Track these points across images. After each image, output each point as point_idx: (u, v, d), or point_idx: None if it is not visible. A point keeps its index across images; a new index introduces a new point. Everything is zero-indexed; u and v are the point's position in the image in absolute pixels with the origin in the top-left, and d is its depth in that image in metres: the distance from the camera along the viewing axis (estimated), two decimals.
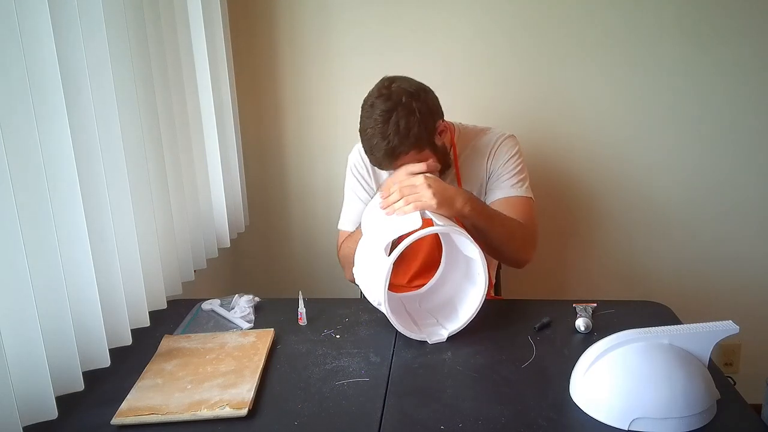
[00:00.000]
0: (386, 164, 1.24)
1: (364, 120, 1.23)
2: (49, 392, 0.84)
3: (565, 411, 0.85)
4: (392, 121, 1.19)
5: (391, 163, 1.23)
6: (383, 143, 1.19)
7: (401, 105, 1.21)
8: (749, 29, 1.65)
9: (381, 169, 1.29)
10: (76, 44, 0.92)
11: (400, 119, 1.19)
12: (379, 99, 1.22)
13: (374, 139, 1.21)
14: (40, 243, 0.84)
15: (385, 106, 1.20)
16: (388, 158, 1.21)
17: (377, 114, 1.21)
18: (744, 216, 1.80)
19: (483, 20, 1.69)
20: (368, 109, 1.23)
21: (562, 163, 1.80)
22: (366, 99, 1.25)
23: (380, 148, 1.20)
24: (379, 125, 1.20)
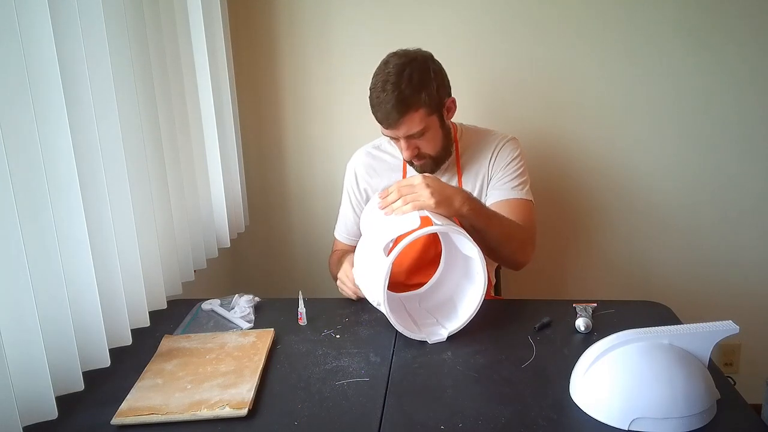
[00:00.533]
0: (393, 117, 1.20)
1: (375, 76, 1.23)
2: (49, 392, 0.84)
3: (565, 411, 0.85)
4: (406, 72, 1.20)
5: (399, 116, 1.20)
6: (394, 93, 1.18)
7: (417, 61, 1.22)
8: (754, 28, 1.65)
9: (386, 127, 1.24)
10: (76, 44, 0.92)
11: (414, 72, 1.20)
12: (394, 56, 1.23)
13: (386, 87, 1.19)
14: (40, 243, 0.84)
15: (400, 60, 1.21)
16: (396, 109, 1.18)
17: (391, 67, 1.21)
18: (744, 216, 1.80)
19: (484, 19, 1.69)
20: (382, 66, 1.23)
21: (563, 164, 1.80)
22: (379, 65, 1.25)
23: (390, 97, 1.18)
24: (392, 76, 1.19)
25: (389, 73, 1.20)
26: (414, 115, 1.21)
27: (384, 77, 1.21)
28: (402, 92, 1.18)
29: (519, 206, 1.32)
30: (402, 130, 1.22)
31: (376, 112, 1.23)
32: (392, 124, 1.21)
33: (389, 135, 1.26)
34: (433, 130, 1.26)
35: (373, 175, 1.43)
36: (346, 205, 1.48)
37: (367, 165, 1.44)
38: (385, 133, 1.27)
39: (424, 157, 1.30)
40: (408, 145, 1.26)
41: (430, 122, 1.24)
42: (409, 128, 1.22)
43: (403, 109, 1.19)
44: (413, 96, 1.20)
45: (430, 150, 1.29)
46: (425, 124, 1.23)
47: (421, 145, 1.27)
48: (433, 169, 1.32)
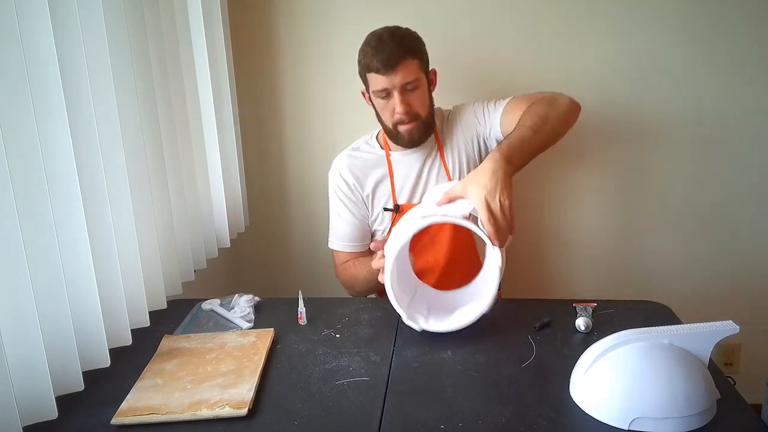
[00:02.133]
0: (395, 59, 1.25)
1: (368, 37, 1.31)
2: (49, 392, 0.84)
3: (565, 411, 0.85)
4: (402, 30, 1.31)
5: (400, 58, 1.25)
6: (394, 40, 1.26)
7: (407, 29, 1.33)
8: (752, 25, 1.65)
9: (384, 72, 1.26)
10: (75, 44, 0.92)
11: (408, 31, 1.32)
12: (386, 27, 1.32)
13: (383, 37, 1.27)
14: (40, 243, 0.84)
15: (391, 27, 1.32)
16: (398, 51, 1.24)
17: (384, 29, 1.31)
18: (744, 216, 1.80)
19: (484, 20, 1.69)
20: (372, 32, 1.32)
21: (562, 164, 1.80)
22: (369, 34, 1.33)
23: (391, 43, 1.25)
24: (388, 31, 1.29)
25: (385, 29, 1.30)
26: (412, 62, 1.27)
27: (380, 32, 1.29)
28: (403, 39, 1.28)
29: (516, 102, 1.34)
30: (399, 76, 1.25)
31: (373, 59, 1.26)
32: (392, 66, 1.25)
33: (383, 87, 1.27)
34: (423, 89, 1.32)
35: (360, 176, 1.43)
36: (341, 212, 1.46)
37: (350, 165, 1.44)
38: (379, 86, 1.28)
39: (414, 118, 1.31)
40: (402, 98, 1.28)
41: (421, 78, 1.30)
42: (406, 75, 1.26)
43: (404, 53, 1.25)
44: (412, 45, 1.29)
45: (421, 108, 1.32)
46: (418, 75, 1.29)
47: (413, 101, 1.30)
48: (421, 135, 1.35)
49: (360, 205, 1.45)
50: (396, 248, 1.03)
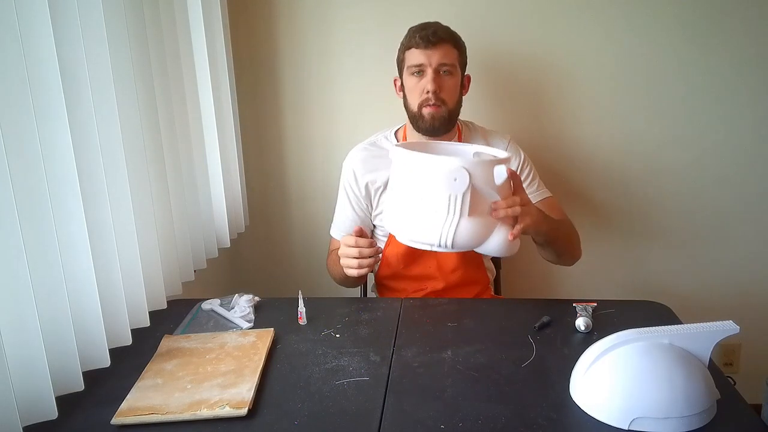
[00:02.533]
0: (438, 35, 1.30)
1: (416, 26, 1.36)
2: (49, 392, 0.84)
3: (565, 411, 0.85)
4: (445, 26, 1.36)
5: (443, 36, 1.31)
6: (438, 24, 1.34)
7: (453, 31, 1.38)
8: (752, 27, 1.65)
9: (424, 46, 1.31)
10: (76, 44, 0.92)
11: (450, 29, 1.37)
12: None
13: (429, 24, 1.33)
14: (40, 243, 0.84)
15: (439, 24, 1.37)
16: (442, 31, 1.32)
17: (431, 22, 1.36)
18: (744, 215, 1.80)
19: (484, 20, 1.69)
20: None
21: (562, 164, 1.80)
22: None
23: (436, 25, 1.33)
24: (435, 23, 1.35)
25: (429, 21, 1.35)
26: (451, 48, 1.32)
27: (425, 22, 1.35)
28: (447, 28, 1.34)
29: (551, 204, 1.37)
30: (438, 54, 1.30)
31: (416, 35, 1.31)
32: (433, 43, 1.29)
33: (420, 62, 1.31)
34: (456, 80, 1.35)
35: (372, 169, 1.42)
36: (344, 204, 1.47)
37: (364, 160, 1.44)
38: (416, 60, 1.31)
39: (441, 102, 1.32)
40: (435, 77, 1.30)
41: (457, 69, 1.34)
42: (445, 55, 1.30)
43: (446, 36, 1.31)
44: (456, 36, 1.35)
45: (449, 96, 1.33)
46: (456, 63, 1.33)
47: (445, 87, 1.32)
48: (443, 123, 1.35)
49: (362, 201, 1.44)
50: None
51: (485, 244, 1.02)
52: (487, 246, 1.02)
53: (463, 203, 0.98)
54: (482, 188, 0.98)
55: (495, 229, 1.02)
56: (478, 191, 0.99)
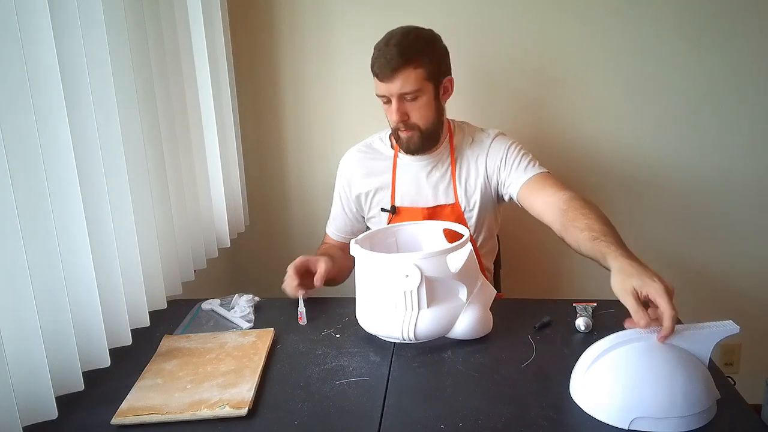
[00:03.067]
0: (392, 66, 1.21)
1: (384, 36, 1.26)
2: (49, 392, 0.84)
3: (565, 411, 0.85)
4: (412, 34, 1.25)
5: (397, 66, 1.21)
6: (396, 46, 1.21)
7: (424, 30, 1.28)
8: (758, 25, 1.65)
9: (381, 79, 1.24)
10: (76, 44, 0.92)
11: (419, 36, 1.26)
12: (404, 27, 1.28)
13: (389, 42, 1.23)
14: (40, 243, 0.84)
15: (408, 27, 1.27)
16: (396, 60, 1.21)
17: (397, 29, 1.26)
18: (744, 215, 1.80)
19: (485, 21, 1.69)
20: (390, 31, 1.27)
21: (562, 164, 1.80)
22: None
23: (392, 50, 1.21)
24: (398, 34, 1.24)
25: (395, 32, 1.25)
26: (411, 72, 1.22)
27: (389, 35, 1.25)
28: (405, 47, 1.22)
29: (544, 180, 1.30)
30: (396, 85, 1.22)
31: (374, 64, 1.24)
32: (388, 75, 1.22)
33: (382, 93, 1.26)
34: (427, 98, 1.27)
35: (366, 174, 1.43)
36: (337, 205, 1.50)
37: (359, 162, 1.45)
38: (379, 91, 1.27)
39: (412, 128, 1.29)
40: (399, 107, 1.25)
41: (425, 87, 1.25)
42: (404, 84, 1.22)
43: (403, 62, 1.21)
44: (415, 53, 1.22)
45: (420, 119, 1.28)
46: (420, 86, 1.24)
47: (412, 111, 1.27)
48: (419, 146, 1.32)
49: (353, 205, 1.47)
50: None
51: (453, 330, 1.03)
52: (455, 331, 1.03)
53: (419, 297, 0.98)
54: (439, 278, 0.99)
55: (461, 314, 1.02)
56: (436, 282, 1.00)
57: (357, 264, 1.07)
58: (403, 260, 0.98)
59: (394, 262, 0.99)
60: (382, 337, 1.06)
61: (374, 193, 1.43)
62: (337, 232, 1.51)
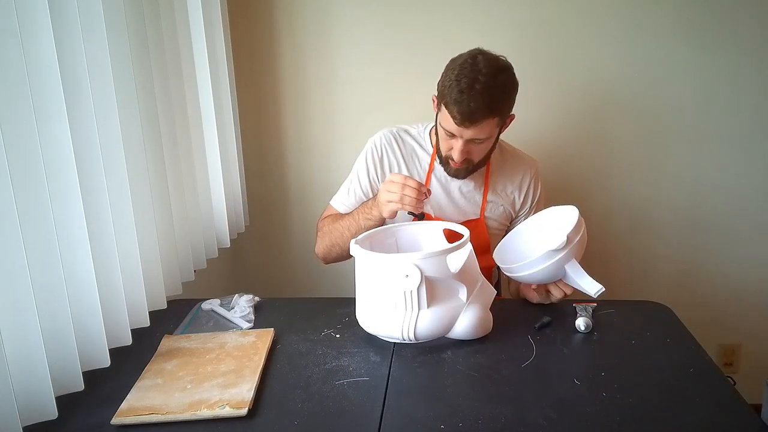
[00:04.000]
0: (475, 117, 1.16)
1: (461, 68, 1.17)
2: (49, 392, 0.84)
3: (565, 411, 0.85)
4: (500, 78, 1.17)
5: (480, 118, 1.16)
6: (484, 94, 1.14)
7: (508, 70, 1.21)
8: (758, 26, 1.65)
9: (458, 124, 1.19)
10: (76, 44, 0.92)
11: (506, 80, 1.20)
12: (482, 55, 1.19)
13: (475, 86, 1.14)
14: (40, 243, 0.84)
15: (493, 63, 1.18)
16: (482, 111, 1.15)
17: (483, 66, 1.16)
18: (744, 216, 1.80)
19: (485, 21, 1.69)
20: (469, 60, 1.18)
21: (562, 163, 1.80)
22: (461, 56, 1.21)
23: (479, 97, 1.14)
24: (486, 77, 1.15)
25: (481, 72, 1.15)
26: (490, 122, 1.19)
27: (474, 73, 1.15)
28: (493, 97, 1.16)
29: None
30: (470, 132, 1.19)
31: (456, 106, 1.16)
32: (467, 124, 1.17)
33: (451, 131, 1.21)
34: (491, 141, 1.26)
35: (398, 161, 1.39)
36: (361, 176, 1.41)
37: (397, 147, 1.40)
38: (448, 127, 1.21)
39: (467, 162, 1.27)
40: (464, 149, 1.23)
41: (494, 134, 1.24)
42: (479, 133, 1.19)
43: (487, 114, 1.16)
44: (500, 104, 1.18)
45: (477, 157, 1.28)
46: (492, 134, 1.22)
47: (474, 151, 1.25)
48: (466, 174, 1.32)
49: (373, 184, 1.41)
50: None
51: (453, 330, 1.03)
52: (455, 331, 1.03)
53: (419, 297, 0.99)
54: (439, 278, 1.00)
55: (461, 313, 1.03)
56: (436, 282, 1.00)
57: (357, 264, 1.07)
58: (403, 260, 0.98)
59: (394, 262, 0.99)
60: (382, 337, 1.06)
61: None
62: (349, 207, 1.41)
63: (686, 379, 0.93)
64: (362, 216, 1.27)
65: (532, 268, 1.09)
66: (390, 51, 1.73)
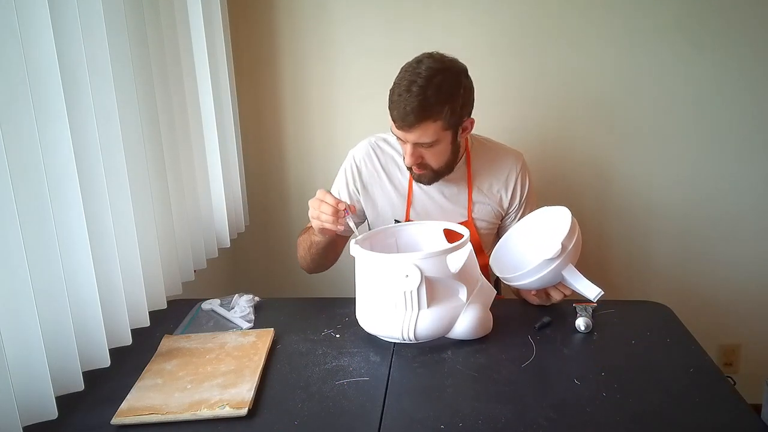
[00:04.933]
0: (409, 120, 1.14)
1: (403, 72, 1.17)
2: (49, 392, 0.84)
3: (565, 411, 0.85)
4: (437, 80, 1.14)
5: (415, 121, 1.14)
6: (418, 97, 1.12)
7: (450, 71, 1.18)
8: (749, 29, 1.65)
9: (398, 128, 1.18)
10: (76, 44, 0.92)
11: (444, 82, 1.15)
12: (430, 58, 1.17)
13: (411, 88, 1.13)
14: (40, 243, 0.84)
15: (433, 65, 1.16)
16: (415, 114, 1.13)
17: (423, 69, 1.15)
18: (743, 216, 1.80)
19: (484, 22, 1.69)
20: (413, 64, 1.17)
21: (561, 164, 1.80)
22: (410, 62, 1.20)
23: (412, 100, 1.12)
24: (422, 78, 1.13)
25: (419, 74, 1.14)
26: (430, 126, 1.16)
27: (412, 76, 1.15)
28: (426, 99, 1.13)
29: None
30: (413, 136, 1.18)
31: (393, 110, 1.17)
32: (405, 127, 1.16)
33: (398, 135, 1.22)
34: (443, 145, 1.22)
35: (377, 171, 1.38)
36: (342, 192, 1.40)
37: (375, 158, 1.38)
38: (395, 131, 1.21)
39: (424, 167, 1.26)
40: (413, 152, 1.21)
41: (442, 136, 1.20)
42: (421, 136, 1.17)
43: (422, 116, 1.14)
44: (436, 106, 1.15)
45: (434, 163, 1.25)
46: (438, 137, 1.19)
47: (427, 155, 1.23)
48: (431, 181, 1.30)
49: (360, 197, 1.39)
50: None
51: (453, 330, 1.03)
52: (455, 331, 1.03)
53: (419, 297, 0.99)
54: (439, 278, 1.00)
55: (461, 313, 1.02)
56: (436, 282, 1.00)
57: (357, 264, 1.07)
58: (403, 260, 0.98)
59: (394, 262, 0.99)
60: (382, 337, 1.06)
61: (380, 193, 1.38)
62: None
63: (686, 379, 0.93)
64: (312, 232, 1.26)
65: (529, 277, 1.09)
66: (390, 51, 1.73)
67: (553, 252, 1.04)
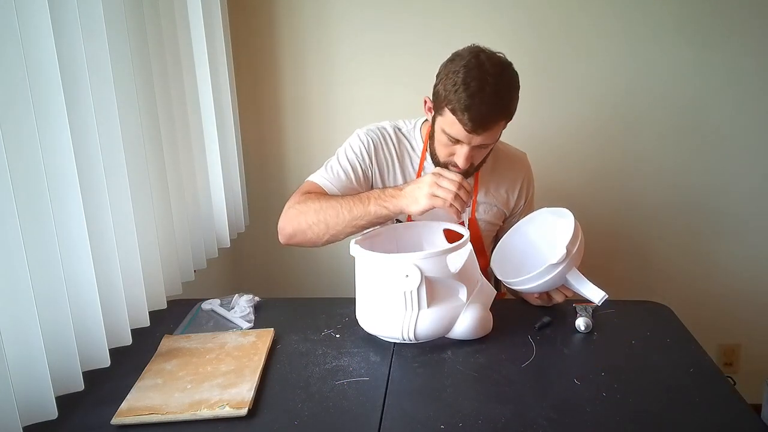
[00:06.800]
0: (486, 123, 1.08)
1: (468, 70, 1.07)
2: (49, 392, 0.84)
3: (565, 411, 0.85)
4: (505, 78, 1.09)
5: (492, 123, 1.09)
6: (494, 97, 1.06)
7: (511, 68, 1.13)
8: (750, 29, 1.65)
9: (468, 130, 1.09)
10: (76, 44, 0.92)
11: (511, 79, 1.11)
12: (483, 53, 1.10)
13: (484, 88, 1.05)
14: (40, 243, 0.84)
15: (495, 61, 1.10)
16: (493, 116, 1.08)
17: (488, 66, 1.07)
18: (744, 216, 1.80)
19: (483, 22, 1.69)
20: (471, 59, 1.09)
21: (562, 164, 1.80)
22: (460, 56, 1.12)
23: (489, 101, 1.06)
24: (492, 77, 1.06)
25: (488, 73, 1.07)
26: (500, 125, 1.12)
27: (481, 75, 1.06)
28: (502, 99, 1.08)
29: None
30: (481, 138, 1.11)
31: (466, 112, 1.07)
32: (480, 130, 1.09)
33: (457, 137, 1.12)
34: (495, 143, 1.19)
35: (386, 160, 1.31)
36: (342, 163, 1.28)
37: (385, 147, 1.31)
38: (453, 134, 1.12)
39: (469, 167, 1.19)
40: (468, 155, 1.14)
41: (500, 135, 1.17)
42: (488, 138, 1.12)
43: (498, 117, 1.09)
44: (509, 105, 1.11)
45: (478, 161, 1.21)
46: (499, 136, 1.16)
47: (477, 157, 1.19)
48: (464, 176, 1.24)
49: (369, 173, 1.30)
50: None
51: (453, 330, 1.03)
52: (455, 331, 1.03)
53: (419, 297, 0.99)
54: (439, 278, 0.99)
55: (461, 313, 1.02)
56: (436, 282, 1.00)
57: (357, 264, 1.07)
58: (403, 260, 0.98)
59: (394, 262, 0.99)
60: (382, 337, 1.06)
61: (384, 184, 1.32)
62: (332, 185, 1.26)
63: (686, 379, 0.93)
64: (375, 202, 1.12)
65: (533, 282, 1.09)
66: (390, 50, 1.73)
67: (557, 257, 1.04)
